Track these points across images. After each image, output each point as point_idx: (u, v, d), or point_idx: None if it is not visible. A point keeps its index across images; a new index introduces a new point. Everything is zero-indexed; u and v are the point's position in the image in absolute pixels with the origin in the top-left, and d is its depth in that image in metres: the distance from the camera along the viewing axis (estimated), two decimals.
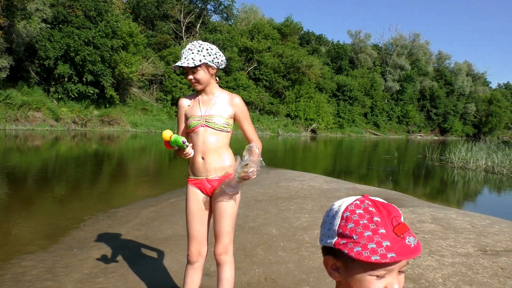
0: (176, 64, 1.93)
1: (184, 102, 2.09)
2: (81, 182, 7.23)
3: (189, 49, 1.93)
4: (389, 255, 0.67)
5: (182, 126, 2.10)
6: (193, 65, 1.91)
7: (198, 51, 1.92)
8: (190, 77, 1.96)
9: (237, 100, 2.04)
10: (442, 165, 13.57)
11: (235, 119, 2.06)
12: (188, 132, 2.03)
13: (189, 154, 1.92)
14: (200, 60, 1.91)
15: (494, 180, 10.57)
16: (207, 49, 1.94)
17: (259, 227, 3.99)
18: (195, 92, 2.09)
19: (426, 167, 13.34)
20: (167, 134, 1.87)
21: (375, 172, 11.66)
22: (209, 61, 1.94)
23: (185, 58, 1.91)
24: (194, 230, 2.03)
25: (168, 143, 1.90)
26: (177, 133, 2.09)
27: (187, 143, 1.86)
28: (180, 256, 3.20)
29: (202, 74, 1.95)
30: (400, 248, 0.69)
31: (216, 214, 2.00)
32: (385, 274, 0.71)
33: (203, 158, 1.98)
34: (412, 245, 0.69)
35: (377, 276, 0.71)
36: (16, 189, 6.23)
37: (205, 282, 2.60)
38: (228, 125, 2.02)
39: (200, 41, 1.97)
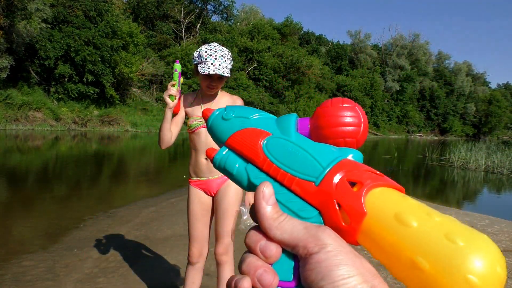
0: (218, 72, 1.84)
1: (187, 98, 2.06)
2: (81, 182, 7.23)
3: (221, 56, 1.88)
4: None
5: (177, 117, 2.05)
6: (229, 75, 1.90)
7: (228, 59, 1.91)
8: (213, 84, 1.92)
9: (239, 102, 2.06)
10: (442, 165, 13.58)
11: None
12: (189, 133, 2.02)
13: (172, 91, 1.89)
14: (229, 69, 1.92)
15: (494, 180, 10.57)
16: (231, 57, 1.95)
17: None
18: (195, 91, 2.09)
19: (426, 167, 13.34)
20: (178, 65, 1.93)
21: None
22: (231, 68, 1.95)
23: (220, 65, 1.86)
24: (196, 231, 2.03)
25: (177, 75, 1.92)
26: (172, 123, 2.05)
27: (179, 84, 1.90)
28: (180, 256, 3.21)
29: (223, 81, 1.96)
30: None
31: (218, 214, 2.00)
32: None
33: (207, 159, 1.97)
34: None
35: None
36: (16, 189, 6.23)
37: (205, 282, 2.61)
38: None
39: (223, 47, 1.94)
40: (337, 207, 0.29)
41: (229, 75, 1.90)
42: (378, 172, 0.31)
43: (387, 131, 48.31)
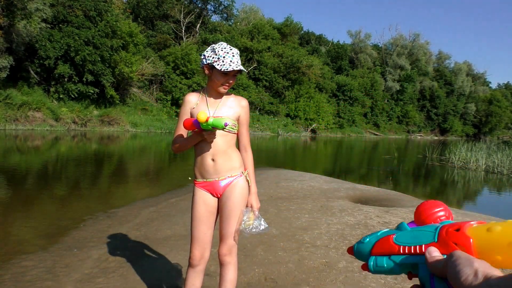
0: (241, 68, 1.87)
1: (192, 99, 2.03)
2: (81, 182, 7.23)
3: (237, 53, 1.90)
4: None
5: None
6: (245, 70, 1.93)
7: (239, 56, 1.92)
8: (230, 81, 1.93)
9: (244, 103, 2.05)
10: (442, 165, 13.57)
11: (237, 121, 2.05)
12: (196, 133, 2.00)
13: (215, 137, 1.89)
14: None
15: (494, 180, 10.56)
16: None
17: None
18: (200, 90, 2.07)
19: (426, 167, 13.33)
20: (203, 116, 1.73)
21: (375, 172, 11.65)
22: None
23: (238, 62, 1.88)
24: (199, 233, 1.99)
25: (199, 125, 1.79)
26: (177, 130, 2.05)
27: (228, 122, 1.80)
28: (180, 256, 3.20)
29: (235, 79, 1.97)
30: None
31: (223, 214, 1.98)
32: None
33: (213, 160, 1.96)
34: None
35: None
36: (16, 189, 6.22)
37: (205, 282, 2.60)
38: (235, 127, 2.01)
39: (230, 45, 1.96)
40: (455, 245, 0.49)
41: (246, 71, 1.95)
42: (463, 221, 0.52)
43: (387, 131, 48.28)
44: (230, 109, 2.00)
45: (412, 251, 0.55)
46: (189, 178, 2.26)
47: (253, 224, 1.96)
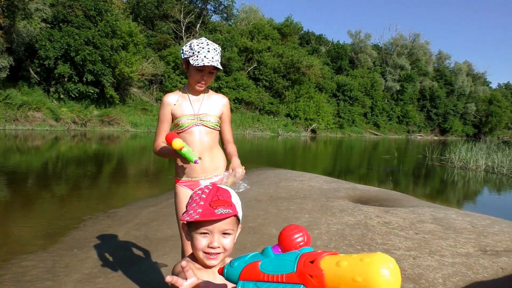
0: (212, 64, 1.80)
1: (170, 100, 1.96)
2: (81, 182, 7.23)
3: (214, 49, 1.84)
4: (195, 217, 0.93)
5: (166, 126, 1.99)
6: (220, 68, 1.85)
7: (218, 53, 1.86)
8: (205, 78, 1.88)
9: (225, 101, 2.04)
10: (442, 165, 13.57)
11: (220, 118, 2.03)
12: (179, 132, 1.95)
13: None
14: (220, 62, 1.87)
15: (494, 180, 10.56)
16: (220, 51, 1.90)
17: (259, 227, 4.00)
18: (180, 88, 2.02)
19: (426, 167, 13.33)
20: (177, 144, 1.74)
21: (375, 172, 11.65)
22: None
23: (213, 58, 1.82)
24: None
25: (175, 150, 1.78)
26: (158, 133, 2.01)
27: (198, 161, 1.77)
28: (180, 256, 3.20)
29: (214, 76, 1.93)
30: (205, 214, 0.94)
31: None
32: (207, 233, 0.99)
33: (200, 158, 1.92)
34: (218, 213, 0.94)
35: (201, 234, 0.99)
36: (16, 189, 6.22)
37: None
38: (219, 124, 2.00)
39: (212, 42, 1.88)
40: (310, 277, 0.56)
41: (220, 67, 1.86)
42: (320, 251, 0.60)
43: (387, 131, 48.26)
44: (213, 106, 1.97)
45: (275, 280, 0.60)
46: (169, 177, 2.24)
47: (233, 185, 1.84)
